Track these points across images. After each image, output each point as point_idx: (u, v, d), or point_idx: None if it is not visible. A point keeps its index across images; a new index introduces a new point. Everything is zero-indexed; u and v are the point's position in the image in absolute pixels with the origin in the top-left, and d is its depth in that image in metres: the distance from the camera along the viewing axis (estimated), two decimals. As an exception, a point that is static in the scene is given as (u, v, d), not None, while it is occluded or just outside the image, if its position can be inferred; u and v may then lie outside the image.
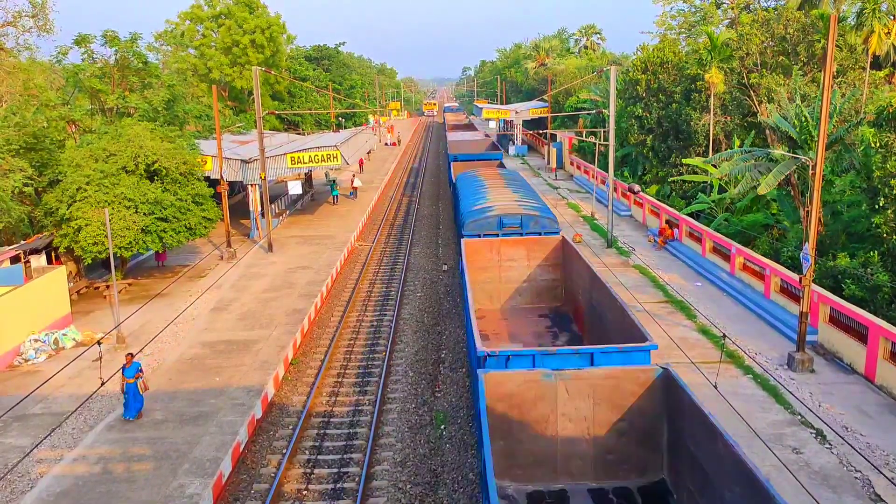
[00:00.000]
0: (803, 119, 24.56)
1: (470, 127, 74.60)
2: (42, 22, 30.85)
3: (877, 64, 38.50)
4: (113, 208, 24.52)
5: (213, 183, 32.58)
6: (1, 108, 26.64)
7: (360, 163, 61.61)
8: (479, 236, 22.83)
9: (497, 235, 22.75)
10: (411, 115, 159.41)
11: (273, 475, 14.84)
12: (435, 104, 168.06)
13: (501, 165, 41.58)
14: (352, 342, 22.48)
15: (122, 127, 28.70)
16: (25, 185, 24.35)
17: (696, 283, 26.72)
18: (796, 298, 20.71)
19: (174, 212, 26.39)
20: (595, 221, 38.15)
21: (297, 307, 24.78)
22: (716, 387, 13.48)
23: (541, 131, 71.13)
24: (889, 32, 35.35)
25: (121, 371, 16.57)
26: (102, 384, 14.81)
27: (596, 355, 13.19)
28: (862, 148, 25.37)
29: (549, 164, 59.68)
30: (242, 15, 59.87)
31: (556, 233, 23.01)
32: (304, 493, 14.31)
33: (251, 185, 35.76)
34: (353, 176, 51.71)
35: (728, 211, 32.59)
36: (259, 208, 35.53)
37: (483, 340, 15.15)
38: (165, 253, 30.04)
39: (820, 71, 34.26)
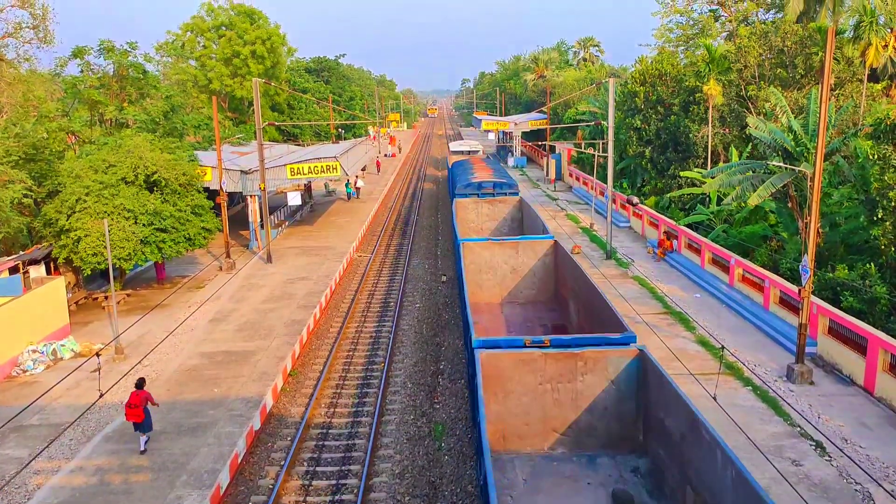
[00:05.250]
0: (795, 131, 24.63)
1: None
2: (42, 34, 30.98)
3: (874, 76, 38.69)
4: (112, 219, 24.54)
5: (212, 194, 32.63)
6: (1, 119, 26.70)
7: (378, 164, 71.74)
8: None
9: None
10: (415, 125, 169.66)
11: (271, 487, 14.78)
12: (437, 109, 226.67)
13: None
14: (351, 353, 22.45)
15: (122, 138, 28.79)
16: (25, 195, 24.38)
17: (695, 294, 26.73)
18: (795, 310, 20.72)
19: (173, 222, 26.42)
20: (594, 233, 38.19)
21: (296, 318, 24.75)
22: (715, 398, 13.47)
23: (540, 143, 71.30)
24: (886, 45, 35.52)
25: None
26: (101, 395, 14.78)
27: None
28: (860, 160, 25.42)
29: (547, 175, 59.84)
30: (244, 26, 60.06)
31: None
32: (303, 505, 14.26)
33: (250, 196, 35.80)
34: (356, 177, 53.15)
35: (727, 222, 32.61)
36: (258, 219, 35.56)
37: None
38: (164, 269, 30.05)
39: (817, 84, 34.42)
